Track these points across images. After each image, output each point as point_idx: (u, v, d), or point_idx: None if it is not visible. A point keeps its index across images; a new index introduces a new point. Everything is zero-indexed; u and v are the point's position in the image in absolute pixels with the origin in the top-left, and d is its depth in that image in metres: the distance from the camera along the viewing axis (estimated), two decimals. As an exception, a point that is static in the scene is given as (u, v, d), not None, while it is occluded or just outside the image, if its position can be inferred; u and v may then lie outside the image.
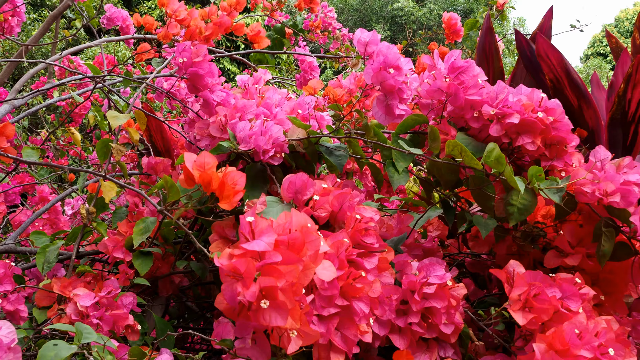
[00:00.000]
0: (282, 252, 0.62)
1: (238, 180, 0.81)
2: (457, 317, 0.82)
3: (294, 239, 0.64)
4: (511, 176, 0.80)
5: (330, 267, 0.69)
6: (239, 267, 0.61)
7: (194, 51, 1.12)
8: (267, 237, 0.63)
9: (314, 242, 0.65)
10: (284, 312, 0.62)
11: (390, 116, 0.93)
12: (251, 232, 0.64)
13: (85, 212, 1.18)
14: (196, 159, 0.82)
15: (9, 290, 1.07)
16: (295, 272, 0.61)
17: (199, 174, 0.80)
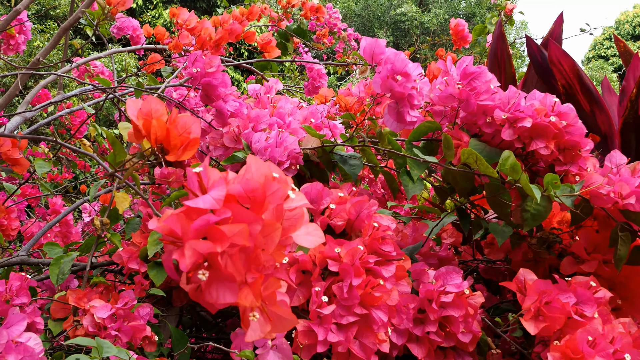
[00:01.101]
0: (233, 208, 0.46)
1: (191, 127, 0.67)
2: (474, 325, 0.82)
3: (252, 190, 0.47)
4: (527, 184, 0.80)
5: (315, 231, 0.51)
6: (174, 229, 0.45)
7: (207, 61, 1.13)
8: (216, 190, 0.46)
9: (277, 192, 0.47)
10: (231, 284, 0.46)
11: (402, 123, 0.93)
12: (200, 187, 0.48)
13: (100, 223, 1.19)
14: (141, 105, 0.68)
15: (25, 302, 1.07)
16: (245, 234, 0.45)
17: (142, 122, 0.67)
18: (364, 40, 0.94)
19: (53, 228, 1.90)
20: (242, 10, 1.44)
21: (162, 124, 0.64)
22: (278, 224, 0.46)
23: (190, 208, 0.44)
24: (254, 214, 0.45)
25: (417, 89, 0.91)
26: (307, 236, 0.49)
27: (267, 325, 0.48)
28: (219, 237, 0.44)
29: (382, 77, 0.89)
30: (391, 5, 14.40)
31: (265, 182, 0.46)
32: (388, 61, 0.89)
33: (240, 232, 0.43)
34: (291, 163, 0.95)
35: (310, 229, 0.50)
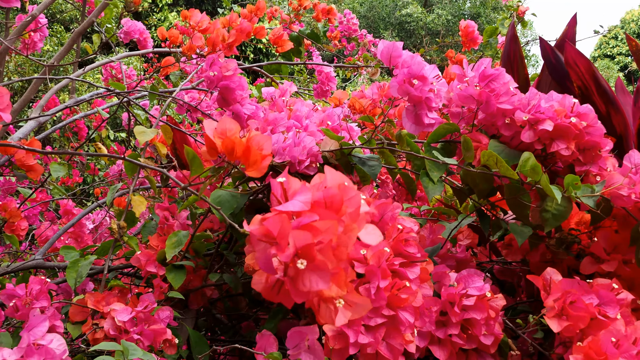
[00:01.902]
0: (319, 212, 0.55)
1: (264, 143, 0.75)
2: (496, 327, 0.82)
3: (331, 197, 0.56)
4: (547, 185, 0.81)
5: (374, 231, 0.61)
6: (271, 229, 0.54)
7: (223, 65, 1.14)
8: (301, 196, 0.55)
9: (353, 199, 0.57)
10: (324, 273, 0.54)
11: (420, 125, 0.93)
12: (284, 194, 0.57)
13: (117, 226, 1.20)
14: (217, 125, 0.76)
15: (45, 306, 1.08)
16: (334, 229, 0.53)
17: (221, 141, 0.74)
18: (381, 44, 0.94)
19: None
20: (250, 7, 1.45)
21: (242, 143, 0.73)
22: (355, 225, 0.55)
23: (282, 212, 0.53)
24: (337, 216, 0.54)
25: (435, 91, 0.92)
26: (369, 235, 0.58)
27: (348, 312, 0.56)
28: (314, 232, 0.52)
29: (399, 81, 0.90)
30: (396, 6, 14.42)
31: (342, 189, 0.56)
32: (404, 64, 0.90)
33: (331, 228, 0.52)
34: (311, 161, 0.95)
35: (370, 229, 0.59)
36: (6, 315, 1.09)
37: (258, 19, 2.64)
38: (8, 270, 1.45)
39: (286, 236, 0.53)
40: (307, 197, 0.55)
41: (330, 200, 0.56)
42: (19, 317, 1.07)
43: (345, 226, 0.56)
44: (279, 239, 0.53)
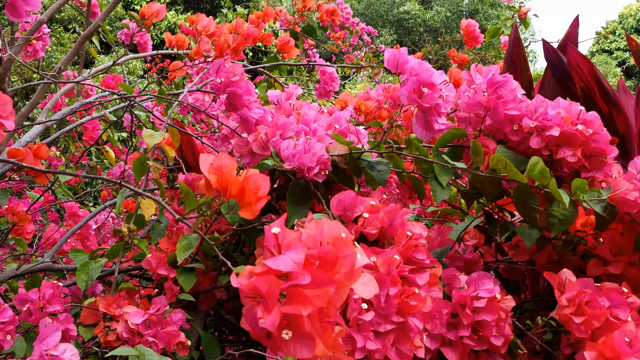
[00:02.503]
0: (312, 272, 0.53)
1: (261, 184, 0.72)
2: (506, 328, 0.84)
3: (326, 254, 0.54)
4: (556, 190, 0.82)
5: (371, 282, 0.59)
6: (259, 288, 0.52)
7: (230, 70, 1.15)
8: (294, 253, 0.53)
9: (348, 258, 0.55)
10: (310, 342, 0.53)
11: (430, 131, 0.95)
12: (277, 245, 0.55)
13: (127, 230, 1.21)
14: (213, 161, 0.74)
15: (58, 310, 1.09)
16: (325, 297, 0.52)
17: (215, 178, 0.72)
18: (387, 51, 0.95)
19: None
20: (258, 13, 1.46)
21: (237, 182, 0.70)
22: (348, 284, 0.53)
23: (271, 269, 0.51)
24: (330, 277, 0.52)
25: (444, 97, 0.93)
26: (364, 287, 0.57)
27: None
28: (303, 301, 0.51)
29: (409, 89, 0.91)
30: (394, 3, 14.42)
31: (337, 245, 0.54)
32: (413, 72, 0.91)
33: (321, 296, 0.51)
34: (320, 169, 0.97)
35: (366, 279, 0.58)
36: (20, 319, 1.10)
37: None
38: (18, 273, 1.47)
39: (274, 297, 0.52)
40: (300, 257, 0.53)
41: (325, 257, 0.54)
42: (33, 322, 1.08)
43: (337, 284, 0.54)
44: (266, 298, 0.52)
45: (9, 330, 1.00)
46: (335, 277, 0.53)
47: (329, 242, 0.55)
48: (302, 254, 0.52)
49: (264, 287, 0.51)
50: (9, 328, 1.00)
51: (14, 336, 1.00)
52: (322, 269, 0.53)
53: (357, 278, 0.55)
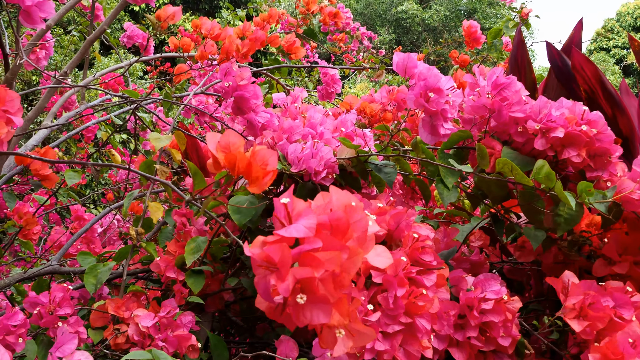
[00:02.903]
0: (323, 237, 0.52)
1: (269, 159, 0.72)
2: (513, 329, 0.85)
3: (337, 220, 0.52)
4: (562, 192, 0.83)
5: (384, 253, 0.58)
6: (272, 256, 0.51)
7: (238, 74, 1.16)
8: (306, 220, 0.52)
9: (360, 222, 0.53)
10: (326, 306, 0.51)
11: (436, 136, 0.96)
12: (287, 216, 0.54)
13: (135, 233, 1.22)
14: (220, 138, 0.74)
15: (69, 313, 1.10)
16: (337, 260, 0.50)
17: (223, 155, 0.72)
18: (396, 55, 0.97)
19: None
20: (263, 15, 1.48)
21: (244, 158, 0.70)
22: (361, 250, 0.51)
23: (284, 237, 0.49)
24: (341, 243, 0.50)
25: (450, 102, 0.94)
26: (378, 257, 0.56)
27: (350, 341, 0.53)
28: (315, 264, 0.49)
29: (416, 94, 0.92)
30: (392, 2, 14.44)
31: (348, 212, 0.51)
32: (420, 77, 0.92)
33: (333, 259, 0.49)
34: (328, 172, 0.98)
35: (379, 250, 0.56)
36: (30, 322, 1.11)
37: (253, 18, 2.61)
38: (25, 276, 1.48)
39: (287, 265, 0.51)
40: (312, 222, 0.51)
41: (336, 223, 0.53)
42: (43, 325, 1.09)
43: (350, 251, 0.52)
44: (279, 266, 0.51)
45: (20, 333, 1.01)
46: (348, 243, 0.52)
47: (339, 210, 0.53)
48: (313, 219, 0.51)
49: (276, 255, 0.50)
50: (20, 331, 1.01)
51: (25, 339, 1.01)
52: (333, 235, 0.52)
53: (370, 246, 0.55)
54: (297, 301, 0.50)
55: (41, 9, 0.83)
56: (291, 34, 1.41)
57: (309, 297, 0.50)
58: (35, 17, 0.84)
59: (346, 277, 0.51)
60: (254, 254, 0.51)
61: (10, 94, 0.70)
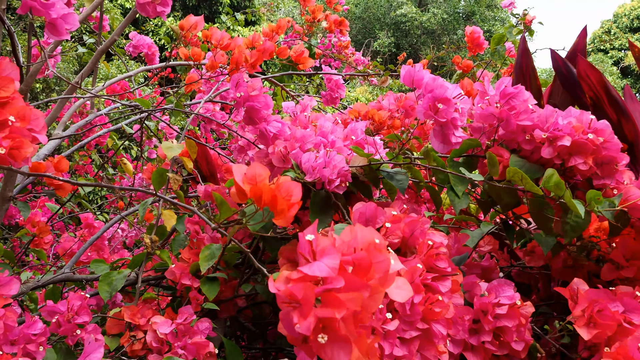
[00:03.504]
0: (346, 277, 0.54)
1: (293, 191, 0.75)
2: (526, 334, 0.87)
3: (360, 260, 0.55)
4: (571, 201, 0.86)
5: (404, 285, 0.61)
6: (295, 294, 0.54)
7: (249, 85, 1.18)
8: (329, 259, 0.54)
9: (382, 263, 0.56)
10: (346, 346, 0.54)
11: (447, 144, 0.98)
12: (312, 252, 0.56)
13: (149, 241, 1.24)
14: (246, 170, 0.76)
15: (86, 321, 1.12)
16: (359, 300, 0.53)
17: (249, 187, 0.75)
18: (403, 69, 0.99)
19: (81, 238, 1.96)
20: (272, 26, 1.50)
21: (270, 190, 0.72)
22: (382, 289, 0.54)
23: (307, 275, 0.52)
24: (364, 282, 0.53)
25: (459, 110, 0.97)
26: (399, 290, 0.59)
27: None
28: (337, 304, 0.52)
29: (424, 106, 0.94)
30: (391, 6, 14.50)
31: (371, 251, 0.54)
32: (428, 88, 0.95)
33: (355, 299, 0.52)
34: (341, 181, 1.00)
35: (400, 283, 0.59)
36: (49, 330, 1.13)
37: (253, 23, 2.60)
38: (39, 284, 1.50)
39: (310, 303, 0.53)
40: (335, 262, 0.53)
41: (359, 262, 0.55)
42: (62, 333, 1.11)
43: (372, 290, 0.55)
44: (302, 303, 0.53)
45: (41, 342, 1.03)
46: (370, 282, 0.54)
47: (362, 248, 0.56)
48: (336, 259, 0.53)
49: (300, 293, 0.53)
50: (41, 340, 1.03)
51: (45, 347, 1.03)
52: (356, 274, 0.55)
53: (391, 283, 0.57)
54: (319, 341, 0.52)
55: (66, 21, 0.85)
56: (300, 45, 1.43)
57: (330, 336, 0.52)
58: (61, 29, 0.86)
59: (367, 316, 0.54)
60: (279, 291, 0.53)
61: (35, 113, 0.72)
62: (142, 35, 2.52)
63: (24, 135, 0.66)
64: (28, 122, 0.68)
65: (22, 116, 0.67)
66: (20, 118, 0.67)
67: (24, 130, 0.66)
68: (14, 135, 0.66)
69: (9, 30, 1.21)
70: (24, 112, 0.68)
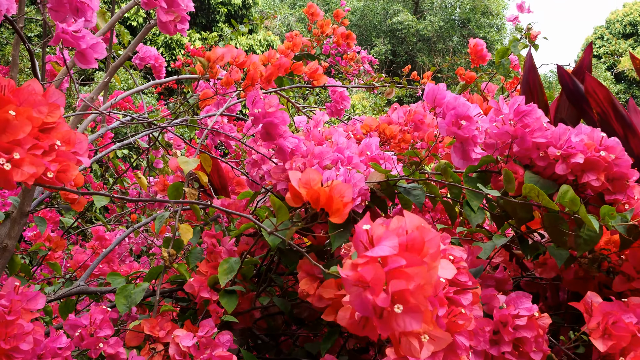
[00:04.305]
0: (404, 255, 0.60)
1: (345, 192, 0.82)
2: (544, 344, 0.90)
3: (413, 240, 0.61)
4: (586, 216, 0.89)
5: (448, 265, 0.68)
6: (365, 276, 0.59)
7: (267, 102, 1.21)
8: (388, 241, 0.61)
9: (433, 240, 0.62)
10: (417, 315, 0.59)
11: (467, 161, 1.02)
12: (369, 239, 0.62)
13: (167, 254, 1.27)
14: (301, 176, 0.84)
15: (109, 334, 1.15)
16: (423, 273, 0.59)
17: (306, 191, 0.82)
18: (427, 87, 1.02)
19: (97, 250, 1.98)
20: (287, 44, 1.54)
21: (325, 192, 0.79)
22: (436, 264, 0.61)
23: (372, 257, 0.59)
24: (421, 259, 0.59)
25: (479, 128, 1.00)
26: (445, 270, 0.66)
27: (432, 345, 0.63)
28: (405, 277, 0.58)
29: (448, 122, 0.98)
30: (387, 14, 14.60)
31: (422, 231, 0.61)
32: (450, 106, 0.98)
33: (420, 273, 0.58)
34: (362, 200, 1.03)
35: (444, 264, 0.66)
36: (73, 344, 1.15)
37: (250, 31, 2.62)
38: (55, 297, 1.52)
39: (380, 282, 0.58)
40: (394, 242, 0.60)
41: (412, 242, 0.61)
42: (85, 346, 1.13)
43: (428, 266, 0.61)
44: (372, 284, 0.59)
45: (66, 355, 1.05)
46: (424, 259, 0.61)
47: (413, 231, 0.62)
48: (395, 240, 0.60)
49: (369, 274, 0.59)
50: (66, 354, 1.06)
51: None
52: (409, 251, 0.61)
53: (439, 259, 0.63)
54: (395, 311, 0.58)
55: (95, 50, 0.88)
56: (314, 62, 1.46)
57: (404, 307, 0.58)
58: (90, 58, 0.89)
59: (428, 289, 0.60)
60: (347, 276, 0.59)
61: (79, 136, 0.75)
62: (148, 47, 2.56)
63: (69, 158, 0.69)
64: (73, 145, 0.71)
65: (67, 140, 0.70)
66: (65, 142, 0.70)
67: (69, 154, 0.69)
68: (61, 159, 0.69)
69: (29, 50, 1.24)
70: (69, 136, 0.70)
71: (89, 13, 0.89)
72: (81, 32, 0.87)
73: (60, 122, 0.70)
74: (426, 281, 0.60)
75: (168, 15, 1.18)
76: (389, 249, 0.60)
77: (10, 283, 1.04)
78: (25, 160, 0.67)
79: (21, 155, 0.66)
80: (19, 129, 0.68)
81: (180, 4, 1.18)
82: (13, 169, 0.66)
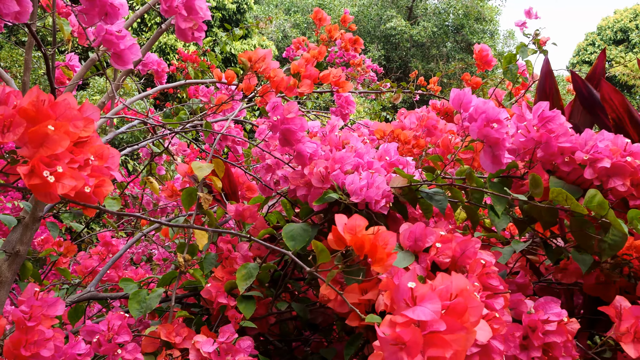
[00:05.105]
0: (446, 320, 0.62)
1: (389, 240, 0.82)
2: (573, 349, 0.90)
3: (456, 305, 0.64)
4: (616, 220, 0.89)
5: (485, 327, 0.72)
6: (403, 337, 0.62)
7: (286, 108, 1.21)
8: (431, 304, 0.63)
9: (477, 308, 0.65)
10: None
11: (497, 164, 1.01)
12: (412, 297, 0.65)
13: (182, 259, 1.26)
14: (347, 222, 0.83)
15: (127, 340, 1.13)
16: (463, 341, 0.61)
17: (350, 237, 0.82)
18: (453, 92, 1.03)
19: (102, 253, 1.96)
20: (313, 53, 1.54)
21: (370, 240, 0.80)
22: (475, 330, 0.63)
23: (411, 319, 0.61)
24: (462, 325, 0.62)
25: (508, 132, 1.00)
26: (481, 331, 0.68)
27: None
28: (442, 344, 0.61)
29: (479, 125, 0.98)
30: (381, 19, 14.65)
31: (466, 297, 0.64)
32: (480, 110, 0.98)
33: (459, 340, 0.60)
34: (386, 202, 1.03)
35: (481, 325, 0.69)
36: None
37: (245, 36, 2.61)
38: (65, 303, 1.50)
39: (418, 345, 0.60)
40: (437, 307, 0.63)
41: (455, 307, 0.64)
42: (103, 352, 1.12)
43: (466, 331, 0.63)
44: (409, 345, 0.61)
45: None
46: (465, 325, 0.63)
47: (457, 294, 0.65)
48: (438, 304, 0.62)
49: (407, 336, 0.61)
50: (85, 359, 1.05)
51: (90, 367, 1.04)
52: (451, 317, 0.63)
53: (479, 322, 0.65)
54: None
55: (131, 51, 0.88)
56: (338, 69, 1.47)
57: None
58: (127, 59, 0.88)
59: (463, 353, 0.61)
60: (385, 334, 0.62)
61: (112, 152, 0.74)
62: (149, 53, 2.55)
63: (103, 173, 0.68)
64: (106, 160, 0.70)
65: (100, 155, 0.70)
66: (98, 157, 0.69)
67: (103, 169, 0.69)
68: (96, 174, 0.68)
69: (45, 55, 1.23)
70: (102, 151, 0.70)
71: (119, 17, 0.88)
72: (122, 32, 0.87)
73: (93, 136, 0.69)
74: (463, 348, 0.62)
75: (187, 22, 1.17)
76: (431, 314, 0.62)
77: (30, 289, 1.03)
78: (66, 174, 0.66)
79: (63, 168, 0.66)
80: (57, 143, 0.67)
81: (199, 12, 1.17)
82: (55, 182, 0.65)
